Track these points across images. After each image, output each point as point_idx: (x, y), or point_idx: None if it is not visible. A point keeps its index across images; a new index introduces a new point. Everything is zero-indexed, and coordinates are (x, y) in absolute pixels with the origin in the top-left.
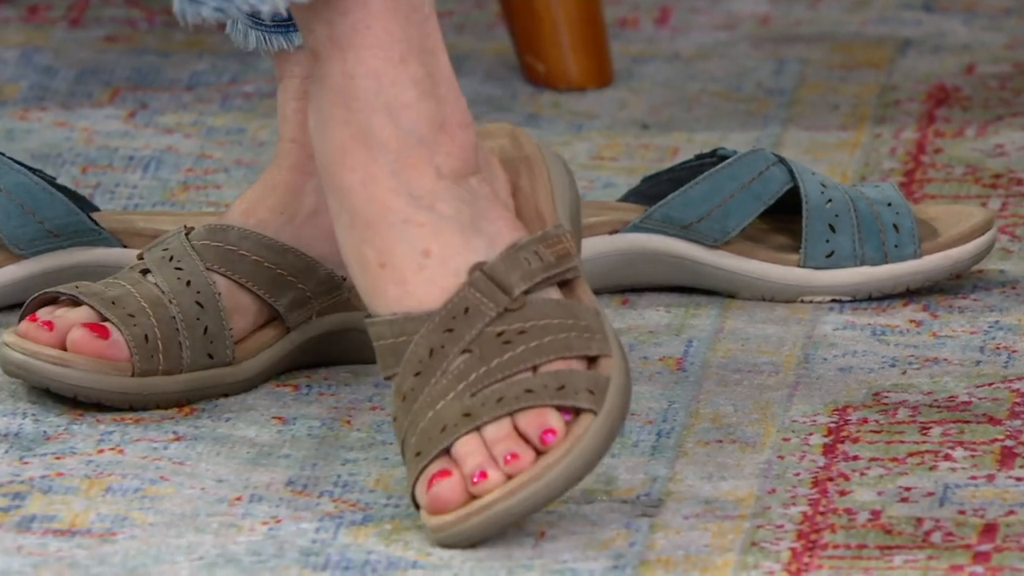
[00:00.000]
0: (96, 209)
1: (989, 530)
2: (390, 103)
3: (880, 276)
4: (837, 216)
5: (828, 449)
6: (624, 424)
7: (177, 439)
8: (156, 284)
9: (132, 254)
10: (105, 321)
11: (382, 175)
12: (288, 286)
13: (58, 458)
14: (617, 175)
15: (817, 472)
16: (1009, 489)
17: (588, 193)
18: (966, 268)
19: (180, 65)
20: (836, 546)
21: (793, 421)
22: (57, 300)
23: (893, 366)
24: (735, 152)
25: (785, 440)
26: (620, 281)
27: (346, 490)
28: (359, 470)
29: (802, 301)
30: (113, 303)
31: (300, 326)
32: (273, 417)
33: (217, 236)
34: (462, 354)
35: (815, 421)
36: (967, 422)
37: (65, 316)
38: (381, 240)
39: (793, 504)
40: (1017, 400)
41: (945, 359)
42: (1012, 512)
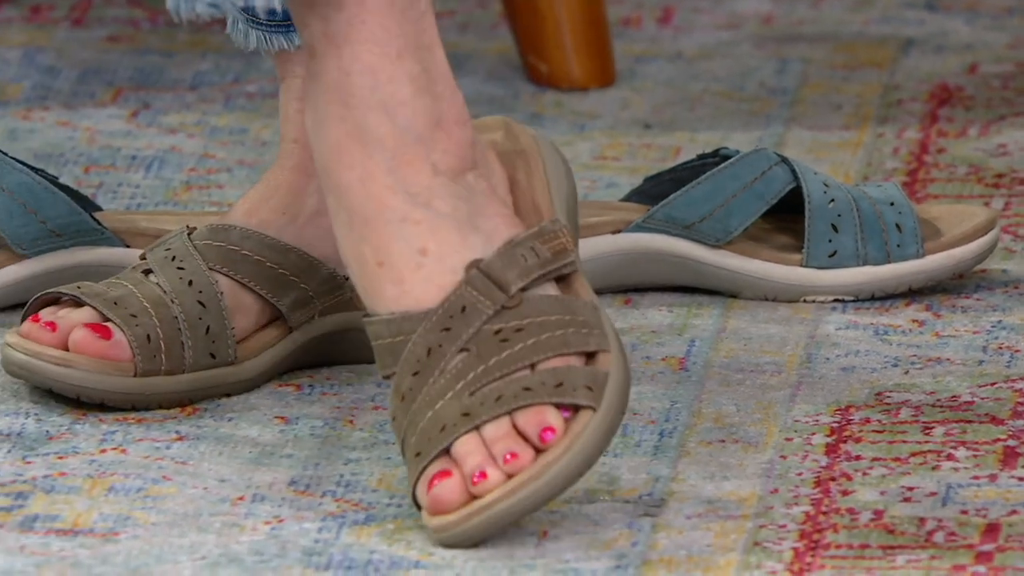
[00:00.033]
0: (98, 209)
1: (991, 530)
2: (386, 100)
3: (883, 276)
4: (840, 216)
5: (830, 449)
6: (623, 419)
7: (180, 439)
8: (158, 284)
9: (134, 254)
10: (107, 321)
11: (379, 172)
12: (290, 286)
13: (61, 458)
14: (619, 175)
15: (819, 472)
16: (1012, 489)
17: (590, 193)
18: (969, 268)
19: (183, 65)
20: (839, 546)
21: (795, 421)
22: (59, 300)
23: (896, 366)
24: (737, 152)
25: (788, 440)
26: (622, 281)
27: (349, 490)
28: (361, 470)
29: (805, 301)
30: (115, 303)
31: (302, 326)
32: (276, 417)
33: (219, 236)
34: (460, 353)
35: (817, 421)
36: (970, 422)
37: (67, 317)
38: (378, 238)
39: (796, 504)
40: (1020, 400)
41: (948, 359)
42: (1015, 512)
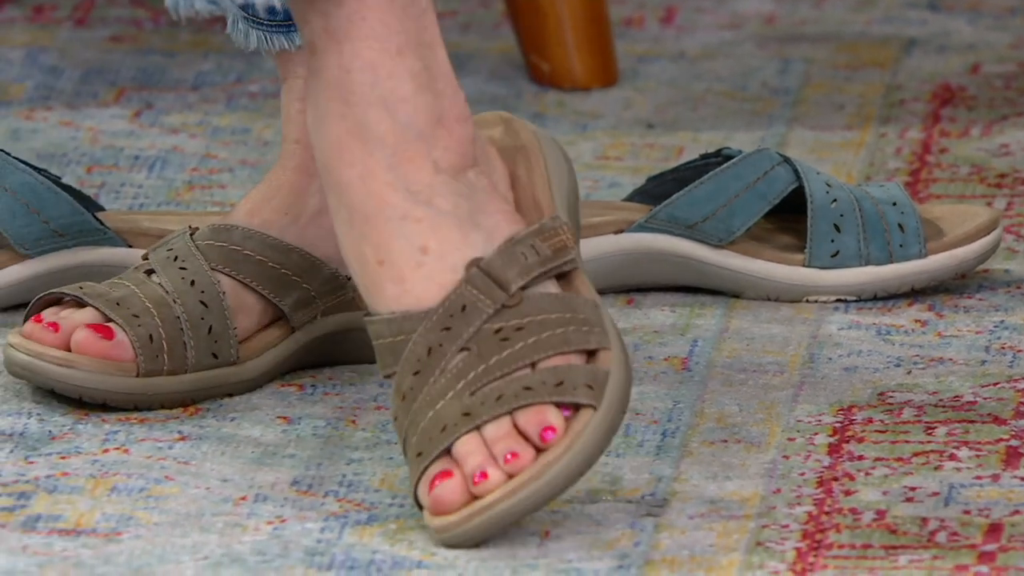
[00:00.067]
0: (101, 209)
1: (994, 530)
2: (387, 97)
3: (885, 276)
4: (842, 216)
5: (833, 449)
6: (625, 418)
7: (182, 439)
8: (160, 284)
9: (137, 254)
10: (109, 322)
11: (379, 169)
12: (292, 286)
13: (63, 458)
14: (622, 175)
15: (822, 472)
16: (1014, 489)
17: (593, 193)
18: (971, 268)
19: (185, 65)
20: (841, 546)
21: (798, 421)
22: (62, 301)
23: (898, 366)
24: (740, 152)
25: (790, 440)
26: (625, 281)
27: (351, 490)
28: (364, 470)
29: (807, 301)
30: (118, 304)
31: (305, 326)
32: (278, 417)
33: (221, 236)
34: (460, 352)
35: (820, 421)
36: (972, 422)
37: (70, 317)
38: (379, 236)
39: (798, 504)
40: (1022, 400)
41: (950, 359)
42: (1017, 512)
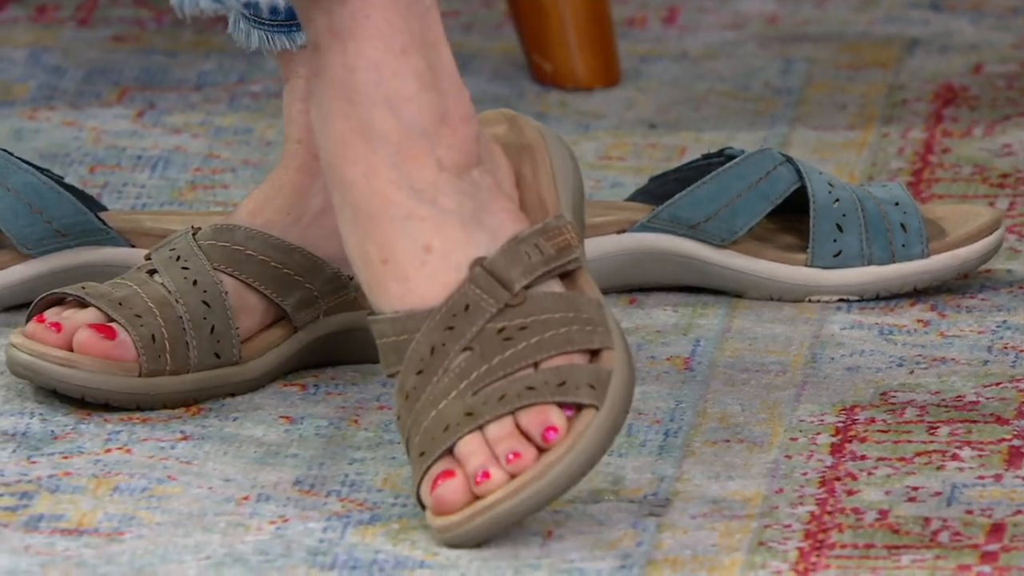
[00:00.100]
0: (104, 209)
1: (996, 530)
2: (391, 96)
3: (887, 276)
4: (844, 216)
5: (835, 449)
6: (627, 417)
7: (184, 439)
8: (163, 284)
9: (140, 254)
10: (112, 322)
11: (383, 168)
12: (295, 286)
13: (65, 457)
14: (624, 175)
15: (824, 472)
16: (1017, 489)
17: (595, 193)
18: (974, 268)
19: (188, 65)
20: (843, 546)
21: (800, 421)
22: (64, 301)
23: (900, 366)
24: (742, 152)
25: (792, 440)
26: (627, 281)
27: (353, 489)
28: (366, 469)
29: (809, 301)
30: (120, 304)
31: (307, 326)
32: (280, 416)
33: (224, 236)
34: (463, 352)
35: (822, 421)
36: (975, 422)
37: (72, 317)
38: (383, 235)
39: (800, 504)
40: None
41: (953, 359)
42: (1020, 512)
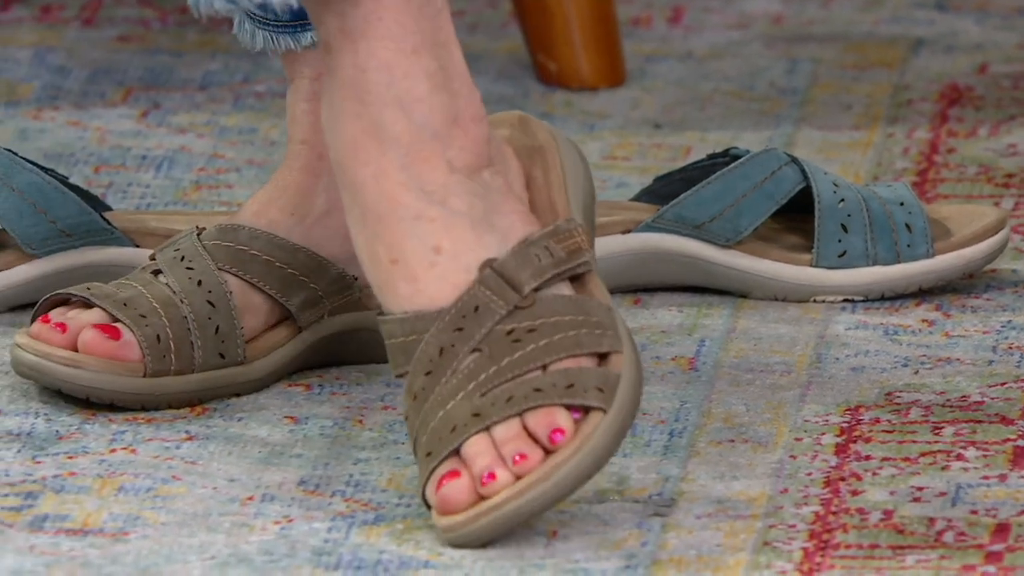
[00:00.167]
0: (108, 208)
1: (1001, 530)
2: (402, 96)
3: (892, 276)
4: (849, 216)
5: (840, 449)
6: (634, 421)
7: (189, 439)
8: (168, 284)
9: (144, 254)
10: (117, 322)
11: (393, 169)
12: (300, 286)
13: (70, 457)
14: (629, 175)
15: (829, 472)
16: (1021, 489)
17: (600, 193)
18: (979, 268)
19: (193, 65)
20: (848, 546)
21: (805, 421)
22: (69, 301)
23: (905, 366)
24: (747, 152)
25: (797, 440)
26: (632, 281)
27: (358, 489)
28: (371, 469)
29: (814, 301)
30: (125, 304)
31: (312, 326)
32: (285, 417)
33: (228, 236)
34: (472, 353)
35: (827, 421)
36: (979, 422)
37: (77, 317)
38: (392, 235)
39: (805, 504)
40: None
41: (957, 359)
42: None
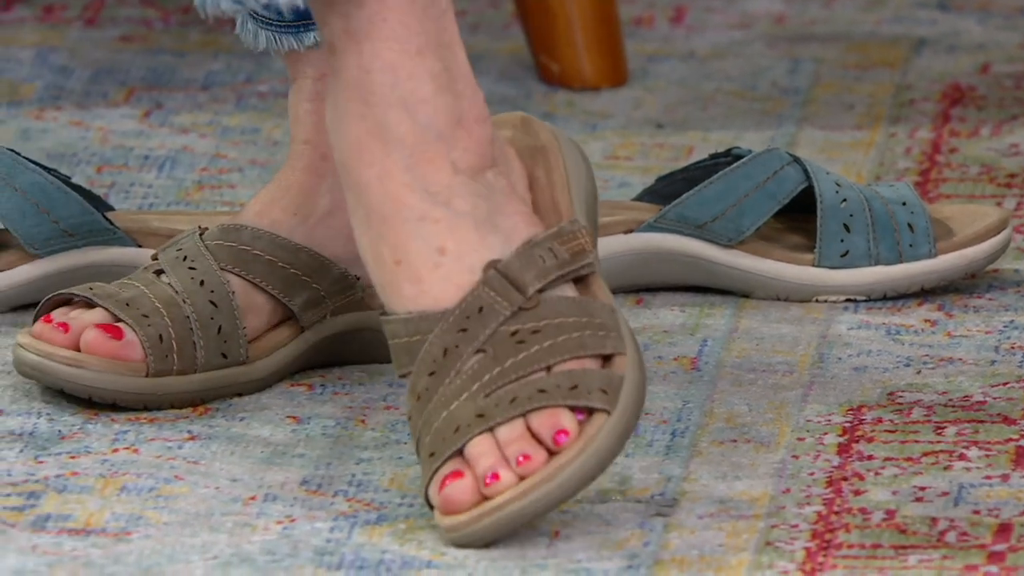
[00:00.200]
0: (111, 208)
1: (1004, 530)
2: (406, 98)
3: (895, 276)
4: (852, 216)
5: (843, 449)
6: (638, 423)
7: (191, 438)
8: (170, 284)
9: (147, 253)
10: (119, 322)
11: (397, 170)
12: (302, 286)
13: (73, 457)
14: (632, 174)
15: (832, 472)
16: None
17: (603, 192)
18: (981, 267)
19: (195, 65)
20: (851, 546)
21: (808, 421)
22: (71, 301)
23: (908, 366)
24: (750, 151)
25: (799, 440)
26: (634, 280)
27: (360, 489)
28: (373, 469)
29: (817, 301)
30: (127, 304)
31: (314, 325)
32: (287, 416)
33: (231, 236)
34: (476, 354)
35: (830, 421)
36: (982, 422)
37: (80, 317)
38: (396, 236)
39: (807, 504)
40: None
41: (960, 359)
42: None
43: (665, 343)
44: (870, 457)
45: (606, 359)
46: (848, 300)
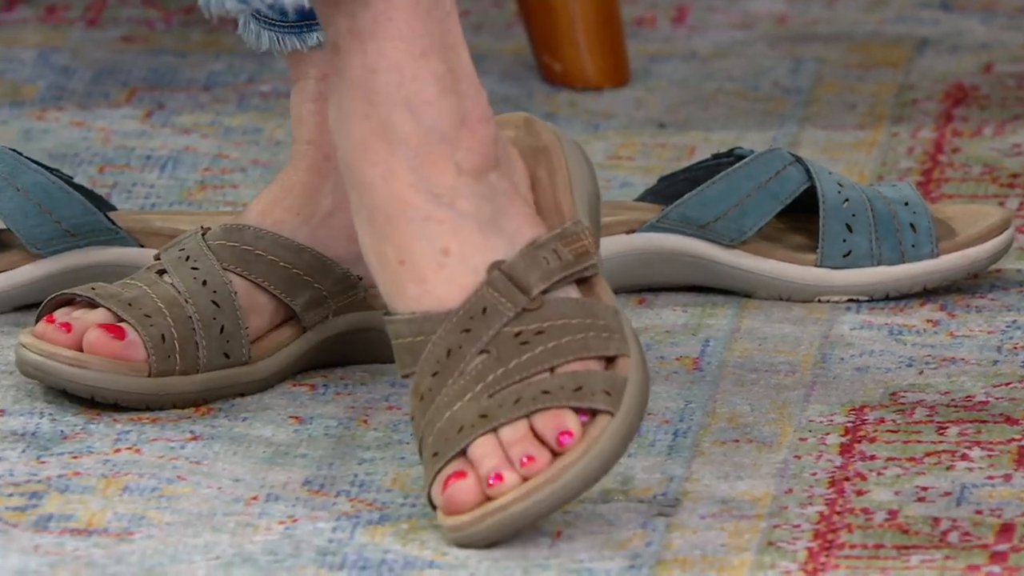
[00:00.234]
0: (113, 208)
1: (1006, 530)
2: (411, 99)
3: (897, 276)
4: (854, 216)
5: (845, 449)
6: (641, 425)
7: (194, 438)
8: (172, 284)
9: (149, 253)
10: (122, 322)
11: (402, 170)
12: (304, 286)
13: (75, 457)
14: (634, 174)
15: (834, 472)
16: None
17: (605, 192)
18: (983, 267)
19: (197, 65)
20: (853, 546)
21: (810, 421)
22: (74, 301)
23: (910, 366)
24: (752, 151)
25: (802, 440)
26: (637, 281)
27: (363, 489)
28: (376, 469)
29: (819, 301)
30: (130, 304)
31: (316, 326)
32: (290, 416)
33: (233, 236)
34: (480, 355)
35: (832, 421)
36: (984, 422)
37: (82, 318)
38: (400, 236)
39: (810, 504)
40: None
41: (962, 359)
42: None
43: (667, 343)
44: (872, 457)
45: (610, 361)
46: (850, 300)
